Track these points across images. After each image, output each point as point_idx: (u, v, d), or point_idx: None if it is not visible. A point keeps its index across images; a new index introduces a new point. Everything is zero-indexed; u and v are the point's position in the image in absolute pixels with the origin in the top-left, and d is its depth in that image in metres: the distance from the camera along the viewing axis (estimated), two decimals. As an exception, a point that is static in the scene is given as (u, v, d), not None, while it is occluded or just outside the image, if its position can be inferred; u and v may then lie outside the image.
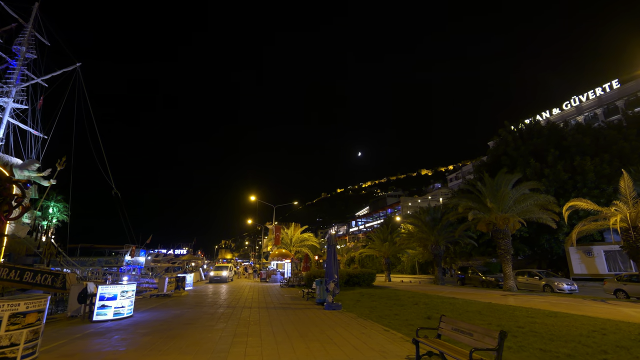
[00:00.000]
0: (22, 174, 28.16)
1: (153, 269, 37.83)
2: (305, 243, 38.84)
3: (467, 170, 78.01)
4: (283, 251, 31.23)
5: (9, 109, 31.03)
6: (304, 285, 23.68)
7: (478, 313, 11.02)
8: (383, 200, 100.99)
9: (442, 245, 28.61)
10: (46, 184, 29.93)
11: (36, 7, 33.38)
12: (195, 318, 10.62)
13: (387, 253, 35.60)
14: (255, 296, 17.86)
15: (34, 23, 33.22)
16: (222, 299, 16.36)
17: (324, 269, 30.14)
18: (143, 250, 41.81)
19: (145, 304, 14.59)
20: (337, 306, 12.21)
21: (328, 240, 12.94)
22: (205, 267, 46.29)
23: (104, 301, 10.25)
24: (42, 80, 33.00)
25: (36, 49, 33.24)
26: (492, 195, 21.03)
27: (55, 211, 33.33)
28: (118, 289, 10.55)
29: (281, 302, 15.09)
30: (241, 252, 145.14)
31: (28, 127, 32.39)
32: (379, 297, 16.75)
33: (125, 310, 10.72)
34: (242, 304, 14.52)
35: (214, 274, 30.52)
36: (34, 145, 32.66)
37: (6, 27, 32.66)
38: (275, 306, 13.48)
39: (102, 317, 10.15)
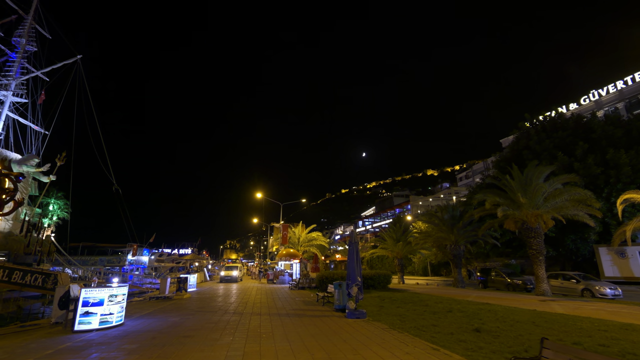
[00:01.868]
0: (21, 169, 26.91)
1: (157, 269, 36.53)
2: (313, 243, 37.18)
3: (478, 169, 75.75)
4: (291, 251, 29.60)
5: (8, 102, 29.83)
6: (315, 287, 22.02)
7: (532, 324, 9.24)
8: (390, 200, 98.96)
9: (461, 245, 26.75)
10: (46, 179, 28.68)
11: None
12: (196, 328, 9.00)
13: (401, 254, 33.78)
14: (264, 299, 16.23)
15: (34, 15, 32.05)
16: (227, 303, 14.75)
17: (337, 271, 28.33)
18: (146, 250, 40.50)
19: (141, 308, 13.03)
20: (362, 314, 10.51)
21: (350, 238, 11.23)
22: (210, 268, 44.86)
23: (88, 307, 8.68)
24: (43, 74, 31.80)
25: (36, 42, 32.06)
26: (522, 189, 19.18)
27: (55, 208, 32.13)
28: (105, 293, 8.98)
29: (294, 307, 13.43)
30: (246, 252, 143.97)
31: (28, 122, 31.17)
32: (402, 301, 15.02)
33: (114, 317, 9.13)
34: (250, 309, 12.89)
35: (224, 274, 30.86)
36: (34, 140, 31.46)
37: (6, 19, 31.53)
38: (289, 313, 11.81)
39: (85, 327, 8.57)
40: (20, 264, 23.97)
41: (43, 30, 32.47)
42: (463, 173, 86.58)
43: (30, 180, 27.90)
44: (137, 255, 37.37)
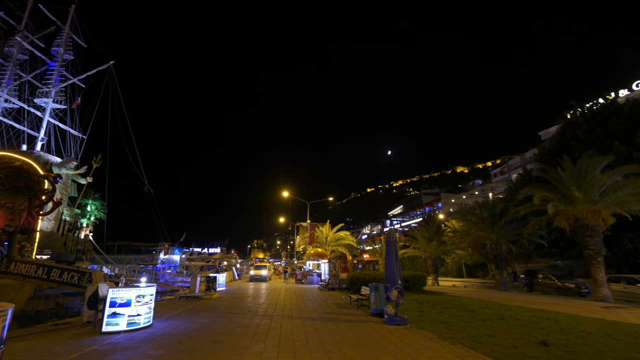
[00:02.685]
0: (60, 172, 28.06)
1: (188, 267, 37.16)
2: (341, 242, 36.25)
3: (514, 164, 71.64)
4: (319, 250, 28.85)
5: (49, 109, 31.30)
6: (346, 288, 21.16)
7: (608, 337, 7.89)
8: (418, 199, 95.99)
9: (503, 244, 24.85)
10: (83, 181, 29.72)
11: (72, 9, 33.60)
12: (225, 332, 8.43)
13: (434, 254, 32.15)
14: (293, 301, 15.58)
15: (70, 25, 33.44)
16: (256, 304, 14.21)
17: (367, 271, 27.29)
18: (177, 249, 41.35)
19: (171, 308, 12.75)
20: (403, 320, 9.53)
21: (386, 237, 10.29)
22: (239, 267, 45.12)
23: (115, 308, 8.34)
24: (79, 80, 33.15)
25: (73, 50, 33.44)
26: (576, 183, 17.30)
27: (93, 209, 33.47)
28: (132, 293, 8.62)
29: (326, 310, 12.65)
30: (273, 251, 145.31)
31: (67, 127, 32.59)
32: (443, 306, 13.84)
33: (142, 319, 8.76)
34: (280, 311, 12.25)
35: (254, 273, 30.93)
36: (73, 144, 32.86)
37: (46, 31, 33.14)
38: (321, 317, 11.03)
39: (113, 328, 8.23)
40: (61, 262, 24.92)
41: (79, 39, 33.86)
42: (497, 169, 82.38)
43: (70, 182, 29.02)
44: (169, 254, 38.17)
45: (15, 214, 16.89)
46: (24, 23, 30.95)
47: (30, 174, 17.37)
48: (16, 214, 16.91)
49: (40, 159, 27.20)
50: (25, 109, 29.61)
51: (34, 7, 31.43)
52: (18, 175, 16.94)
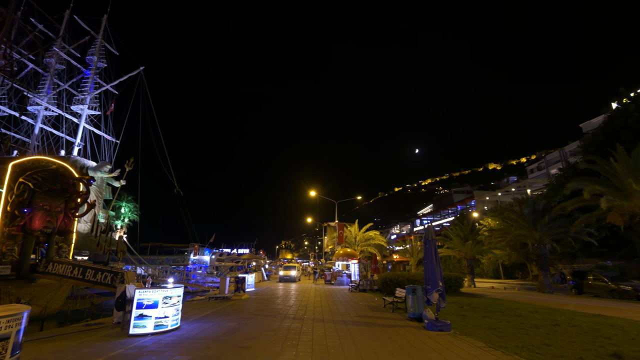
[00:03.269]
0: (96, 175, 29.17)
1: (218, 268, 37.64)
2: (370, 242, 35.28)
3: (552, 159, 67.29)
4: (349, 251, 28.11)
5: (84, 115, 32.73)
6: (378, 290, 20.30)
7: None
8: (449, 197, 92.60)
9: (547, 243, 22.98)
10: (117, 184, 30.78)
11: (105, 19, 34.99)
12: (254, 336, 7.95)
13: (470, 254, 30.45)
14: (324, 303, 14.98)
15: (103, 34, 34.84)
16: (286, 306, 13.74)
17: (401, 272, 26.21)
18: (207, 249, 42.03)
19: (200, 309, 12.54)
20: (445, 326, 8.66)
21: (425, 235, 9.45)
22: (267, 267, 45.20)
23: (142, 309, 8.10)
24: (111, 87, 34.45)
25: (106, 58, 34.83)
26: (633, 175, 15.51)
27: (126, 211, 34.68)
28: (159, 294, 8.35)
29: (359, 313, 11.93)
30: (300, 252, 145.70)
31: (102, 132, 33.94)
32: (485, 309, 12.74)
33: (170, 321, 8.47)
34: (311, 314, 11.68)
35: (283, 274, 30.79)
36: (107, 149, 34.19)
37: (81, 41, 34.75)
38: (355, 320, 10.34)
39: (140, 330, 7.99)
40: (97, 263, 25.79)
41: (111, 47, 35.22)
42: (534, 164, 77.83)
43: (104, 186, 30.14)
44: (199, 255, 38.84)
45: (53, 215, 17.46)
46: (61, 34, 32.57)
47: (65, 177, 17.92)
48: (53, 215, 17.48)
49: (77, 164, 28.42)
50: (63, 116, 31.13)
51: (69, 18, 33.01)
52: (54, 178, 17.51)
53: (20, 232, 16.30)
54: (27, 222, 16.42)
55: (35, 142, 30.82)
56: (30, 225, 16.56)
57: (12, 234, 15.98)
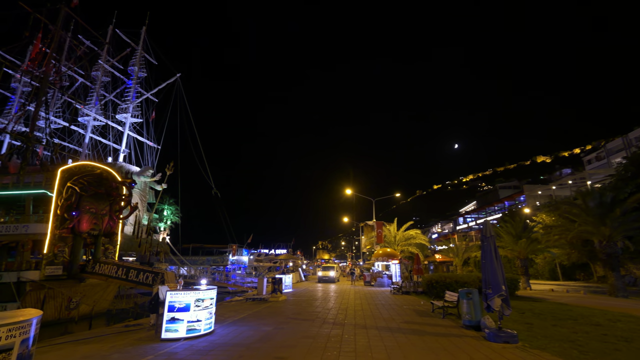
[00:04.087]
0: (139, 180, 30.43)
1: (256, 268, 37.91)
2: (411, 241, 33.56)
3: (615, 148, 60.64)
4: (388, 250, 26.77)
5: (128, 123, 34.38)
6: (422, 292, 18.88)
7: None
8: (494, 193, 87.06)
9: (618, 240, 20.13)
10: (159, 188, 31.91)
11: (144, 31, 36.57)
12: (291, 344, 7.22)
13: (524, 253, 27.75)
14: (365, 306, 13.98)
15: (143, 45, 36.46)
16: (325, 309, 12.94)
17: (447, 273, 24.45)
18: (246, 250, 42.56)
19: (236, 311, 12.12)
20: (511, 337, 7.37)
21: (482, 232, 8.19)
22: (305, 268, 44.85)
23: (174, 312, 7.68)
24: (151, 95, 35.93)
25: (146, 68, 36.39)
26: None
27: (169, 214, 36.01)
28: (191, 297, 7.89)
29: (405, 319, 10.81)
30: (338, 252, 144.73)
31: (144, 139, 35.48)
32: (554, 317, 11.06)
33: (202, 325, 7.99)
34: (352, 318, 10.77)
35: (322, 274, 30.32)
36: (150, 154, 35.69)
37: (123, 53, 36.60)
38: (401, 327, 9.28)
39: (172, 335, 7.57)
40: (144, 264, 26.74)
41: (150, 57, 36.77)
42: (591, 154, 70.90)
43: (148, 190, 31.35)
44: (238, 255, 39.37)
45: (99, 218, 18.12)
46: (106, 49, 34.51)
47: (109, 181, 18.56)
48: (99, 218, 18.15)
49: (122, 169, 29.80)
50: (109, 125, 32.93)
51: (112, 33, 34.89)
52: (99, 182, 18.18)
53: (70, 234, 17.04)
54: (75, 224, 17.13)
55: (86, 151, 32.84)
56: (79, 227, 17.26)
57: (62, 236, 16.74)
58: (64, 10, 24.11)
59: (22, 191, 17.52)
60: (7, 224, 17.01)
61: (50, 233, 16.02)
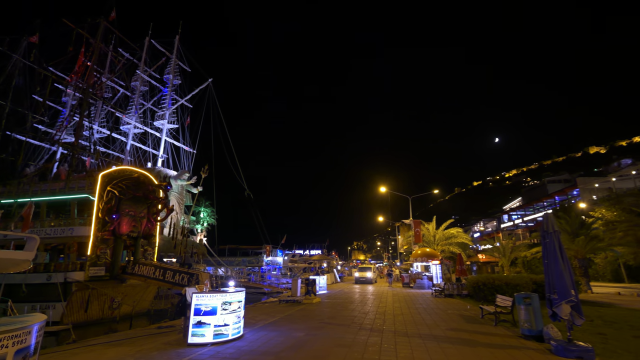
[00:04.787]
0: (176, 183, 31.39)
1: (291, 269, 37.79)
2: (452, 240, 31.59)
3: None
4: (428, 250, 25.26)
5: (165, 129, 35.71)
6: (468, 295, 17.41)
7: None
8: (542, 188, 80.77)
9: None
10: (195, 191, 32.76)
11: (177, 40, 37.86)
12: (323, 354, 6.53)
13: (582, 252, 25.02)
14: (405, 310, 12.97)
15: (177, 54, 37.76)
16: (361, 313, 12.12)
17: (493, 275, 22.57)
18: (280, 251, 42.63)
19: (268, 314, 11.67)
20: (586, 352, 6.15)
21: (542, 226, 7.03)
22: (339, 268, 44.06)
23: (200, 316, 7.29)
24: (186, 101, 37.09)
25: (180, 75, 37.65)
26: None
27: (205, 216, 36.93)
28: (217, 300, 7.47)
29: (451, 325, 9.73)
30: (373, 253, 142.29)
31: (180, 144, 36.68)
32: (630, 326, 9.47)
33: (230, 330, 7.54)
34: (391, 323, 9.88)
35: (359, 275, 29.77)
36: (186, 158, 36.84)
37: (159, 62, 38.10)
38: (448, 336, 8.26)
39: (198, 339, 7.18)
40: (183, 265, 27.38)
41: (184, 65, 37.99)
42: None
43: (185, 192, 32.26)
44: (272, 256, 39.48)
45: (137, 220, 18.62)
46: (143, 59, 36.12)
47: (145, 184, 19.04)
48: (138, 220, 18.64)
49: (161, 173, 30.90)
50: (148, 132, 34.40)
51: (148, 44, 36.45)
52: (136, 185, 18.69)
53: (111, 236, 17.62)
54: (116, 227, 17.68)
55: (128, 158, 34.51)
56: (119, 229, 17.81)
57: (104, 238, 17.34)
58: (103, 24, 25.44)
59: (68, 196, 18.47)
60: (56, 227, 17.98)
61: (92, 235, 16.62)
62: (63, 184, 19.38)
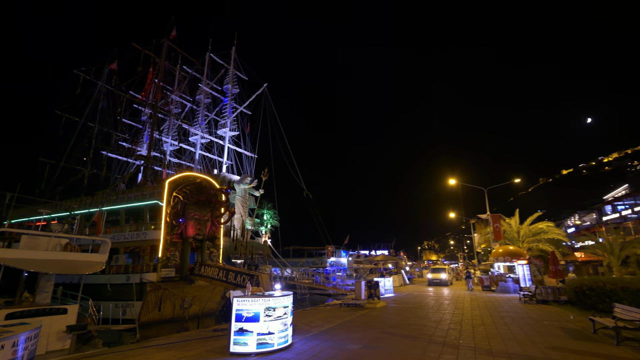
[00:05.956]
0: (240, 187, 32.55)
1: (357, 270, 36.58)
2: (542, 236, 27.14)
3: None
4: (511, 248, 21.87)
5: (227, 137, 37.47)
6: (568, 302, 14.30)
7: None
8: (656, 172, 66.76)
9: None
10: (257, 194, 33.62)
11: (233, 51, 39.58)
12: (380, 375, 5.29)
13: None
14: (487, 319, 10.89)
15: (234, 64, 39.48)
16: (432, 321, 10.44)
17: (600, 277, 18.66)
18: (344, 251, 41.65)
19: (325, 319, 10.72)
20: None
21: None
22: (408, 269, 41.45)
23: (241, 322, 6.61)
24: (244, 108, 38.51)
25: (238, 84, 39.27)
26: None
27: (268, 218, 37.75)
28: (260, 305, 6.72)
29: (551, 342, 7.61)
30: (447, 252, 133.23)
31: (242, 150, 38.17)
32: None
33: (276, 338, 6.72)
34: (469, 337, 8.13)
35: (432, 276, 28.42)
36: (247, 163, 38.22)
37: (218, 74, 40.23)
38: (549, 357, 6.32)
39: (240, 348, 6.49)
40: (250, 267, 28.03)
41: (240, 74, 39.53)
42: None
43: (248, 196, 33.28)
44: (336, 257, 38.70)
45: (202, 224, 19.31)
46: (205, 74, 38.47)
47: (207, 189, 19.71)
48: (202, 224, 19.32)
49: (225, 179, 32.31)
50: (213, 140, 36.44)
51: (209, 59, 38.70)
52: (199, 190, 19.43)
53: (179, 239, 18.52)
54: (183, 230, 18.54)
55: (198, 166, 36.93)
56: (186, 232, 18.64)
57: (173, 241, 18.27)
58: (166, 44, 27.56)
59: (141, 202, 19.99)
60: (132, 232, 19.56)
61: (162, 239, 17.58)
62: (138, 192, 21.08)
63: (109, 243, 12.41)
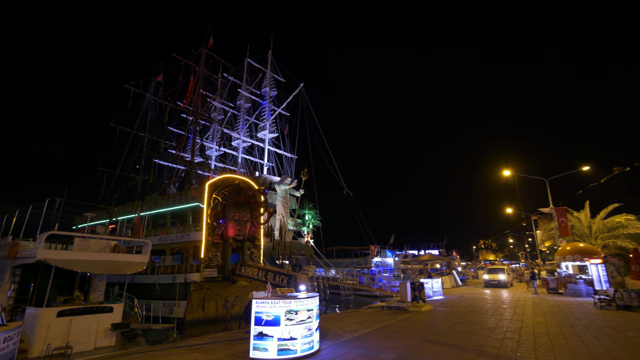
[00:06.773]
0: (280, 188, 32.74)
1: (405, 270, 34.91)
2: (620, 232, 23.46)
3: None
4: (581, 246, 19.07)
5: (267, 139, 38.05)
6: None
7: None
8: None
9: None
10: (297, 194, 33.59)
11: (270, 55, 40.21)
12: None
13: None
14: (553, 327, 9.29)
15: (271, 68, 40.05)
16: (485, 329, 9.15)
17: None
18: (390, 251, 40.06)
19: (362, 323, 9.93)
20: None
21: None
22: (461, 270, 38.65)
23: (261, 326, 6.12)
24: (282, 110, 38.84)
25: (275, 87, 39.76)
26: None
27: (310, 218, 37.61)
28: (280, 308, 6.19)
29: None
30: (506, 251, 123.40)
31: (282, 151, 38.51)
32: None
33: (299, 344, 6.13)
34: (529, 350, 6.83)
35: (489, 278, 26.60)
36: (287, 164, 38.46)
37: (257, 79, 41.13)
38: (641, 382, 4.95)
39: (261, 354, 6.01)
40: (295, 267, 27.96)
41: (278, 77, 39.98)
42: None
43: (289, 196, 33.37)
44: (382, 257, 37.30)
45: (242, 224, 19.50)
46: (244, 79, 39.51)
47: (245, 190, 19.88)
48: (242, 224, 19.52)
49: (266, 180, 32.75)
50: (254, 144, 37.25)
51: (248, 65, 39.69)
52: (237, 191, 19.66)
53: (220, 240, 18.85)
54: (223, 231, 18.85)
55: (241, 170, 37.97)
56: (226, 233, 18.93)
57: (214, 242, 18.65)
58: (204, 52, 28.68)
59: (184, 205, 20.74)
60: (177, 234, 20.37)
61: (204, 240, 18.02)
62: (181, 196, 21.96)
63: (150, 244, 12.84)
